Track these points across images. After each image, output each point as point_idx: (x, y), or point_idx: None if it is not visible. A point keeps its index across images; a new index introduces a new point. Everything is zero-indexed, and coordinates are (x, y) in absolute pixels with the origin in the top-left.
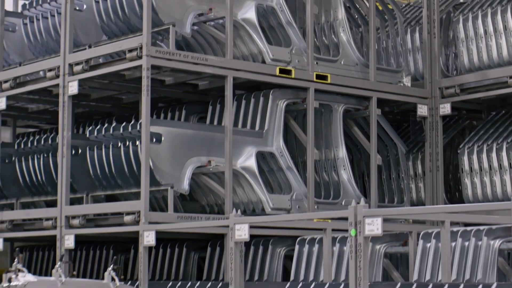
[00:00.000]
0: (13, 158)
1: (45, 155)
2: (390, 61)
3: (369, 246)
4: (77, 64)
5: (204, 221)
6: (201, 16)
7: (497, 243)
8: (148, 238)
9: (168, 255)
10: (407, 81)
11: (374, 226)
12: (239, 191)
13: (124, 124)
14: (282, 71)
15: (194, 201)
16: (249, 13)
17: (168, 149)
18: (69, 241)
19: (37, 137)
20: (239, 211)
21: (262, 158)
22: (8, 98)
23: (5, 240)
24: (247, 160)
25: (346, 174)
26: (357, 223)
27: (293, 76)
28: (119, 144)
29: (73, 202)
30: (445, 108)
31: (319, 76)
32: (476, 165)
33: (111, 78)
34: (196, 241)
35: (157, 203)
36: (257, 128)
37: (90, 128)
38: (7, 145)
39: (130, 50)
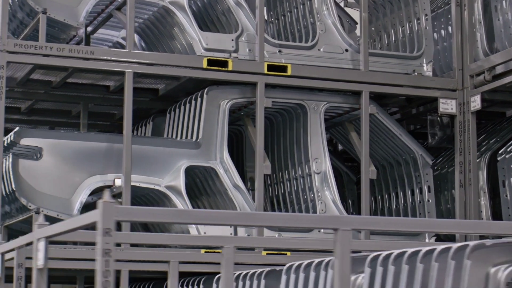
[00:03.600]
0: None
1: None
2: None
3: None
4: None
5: None
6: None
7: None
8: None
9: None
10: (428, 69)
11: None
12: None
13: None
14: (212, 62)
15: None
16: None
17: (54, 166)
18: None
19: None
20: None
21: (209, 175)
22: None
23: None
24: (175, 178)
25: (329, 193)
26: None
27: (230, 68)
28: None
29: None
30: (476, 102)
31: (272, 68)
32: None
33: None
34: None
35: None
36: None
37: None
38: None
39: None
